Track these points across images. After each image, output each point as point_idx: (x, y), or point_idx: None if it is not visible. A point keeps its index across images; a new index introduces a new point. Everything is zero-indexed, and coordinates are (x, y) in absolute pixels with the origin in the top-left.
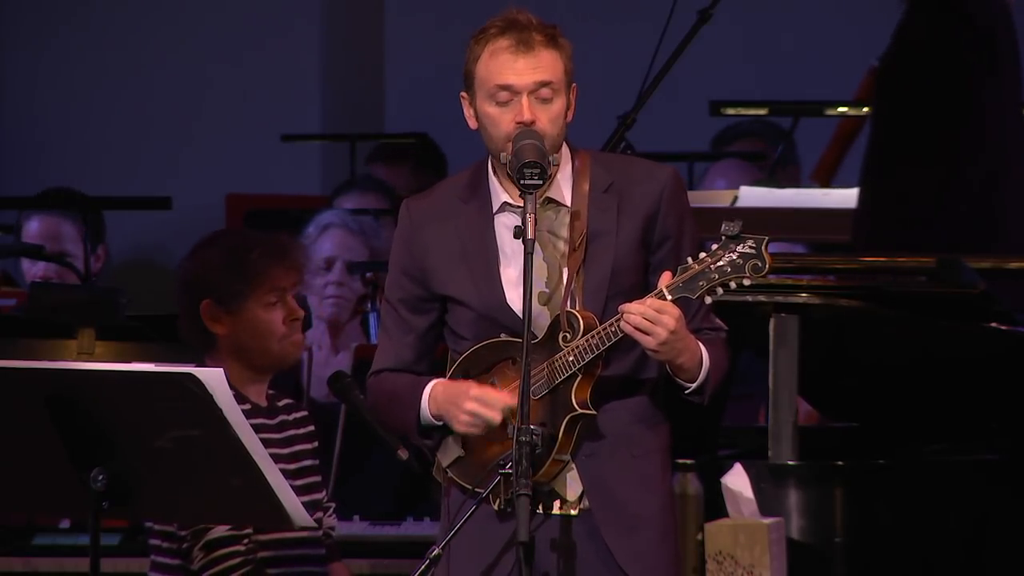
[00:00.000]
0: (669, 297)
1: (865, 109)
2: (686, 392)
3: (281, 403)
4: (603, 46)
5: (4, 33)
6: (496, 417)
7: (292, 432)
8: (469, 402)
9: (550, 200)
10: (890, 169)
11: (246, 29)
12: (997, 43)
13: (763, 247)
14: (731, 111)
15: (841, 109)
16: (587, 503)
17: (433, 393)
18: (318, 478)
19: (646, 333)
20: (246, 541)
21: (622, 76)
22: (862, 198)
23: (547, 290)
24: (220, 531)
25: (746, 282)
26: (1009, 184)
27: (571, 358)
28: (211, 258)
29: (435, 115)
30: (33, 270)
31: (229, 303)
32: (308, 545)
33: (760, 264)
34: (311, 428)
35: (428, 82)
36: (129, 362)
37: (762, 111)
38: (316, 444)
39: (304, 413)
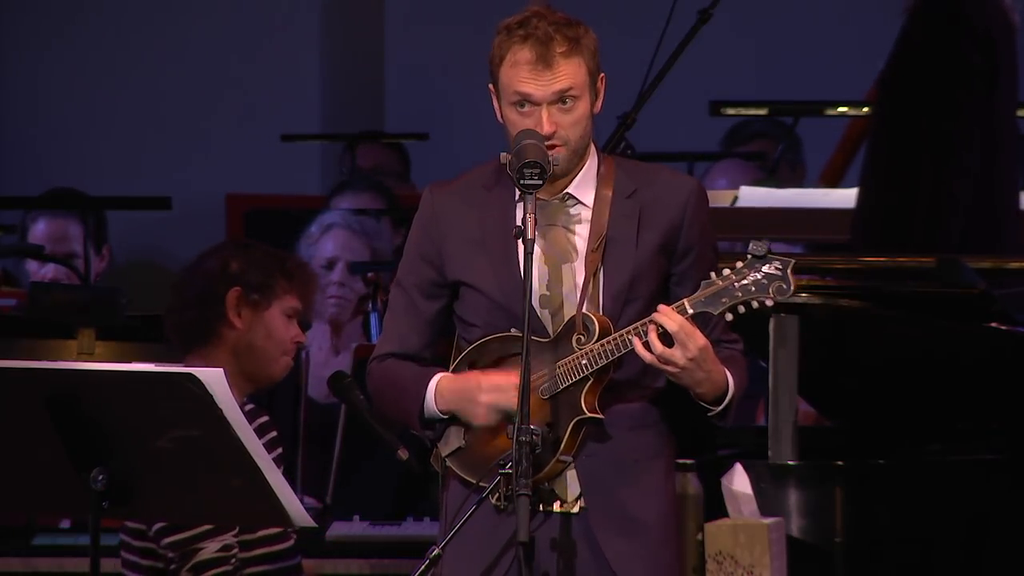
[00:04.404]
0: (691, 311)
1: (865, 109)
2: (709, 415)
3: (246, 409)
4: (603, 46)
5: (6, 34)
6: (514, 401)
7: None
8: (484, 395)
9: (570, 196)
10: (888, 171)
11: (246, 29)
12: (995, 48)
13: (789, 270)
14: (731, 111)
15: (841, 109)
16: (584, 503)
17: (439, 388)
18: None
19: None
20: (234, 561)
21: (622, 76)
22: (860, 200)
23: (561, 289)
24: (209, 552)
25: (769, 303)
26: (1004, 188)
27: (584, 361)
28: (248, 253)
29: (435, 115)
30: (41, 272)
31: (260, 295)
32: (287, 557)
33: (785, 287)
34: (274, 434)
35: (428, 82)
36: (129, 362)
37: (762, 111)
38: (280, 451)
39: (265, 419)
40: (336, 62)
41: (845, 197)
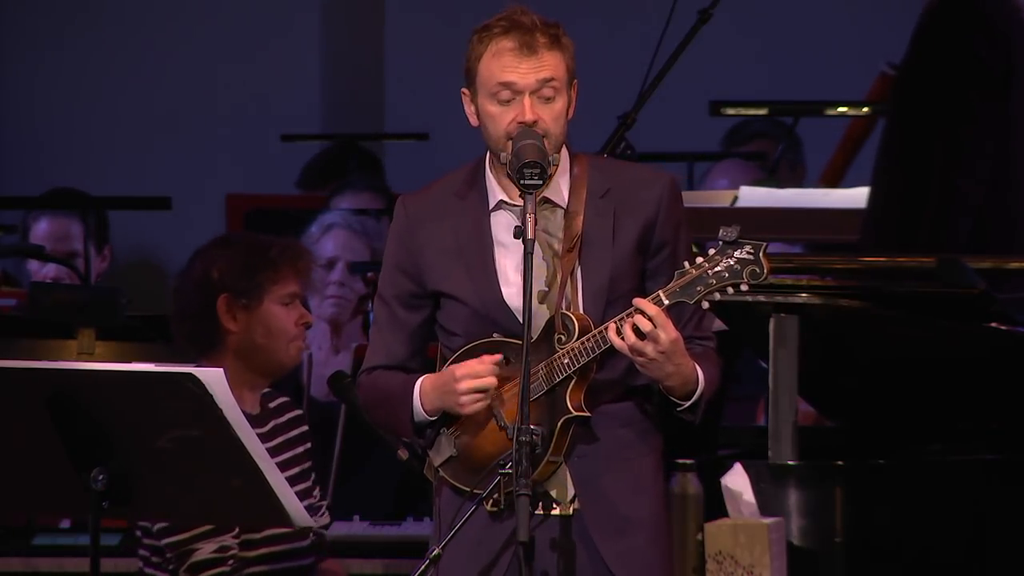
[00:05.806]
0: (667, 302)
1: (865, 109)
2: (678, 409)
3: (273, 404)
4: (603, 46)
5: (6, 34)
6: (492, 380)
7: (283, 437)
8: (460, 383)
9: (547, 200)
10: (898, 170)
11: (246, 29)
12: (1012, 49)
13: (761, 253)
14: (731, 111)
15: (841, 109)
16: (577, 504)
17: (423, 390)
18: (309, 483)
19: (644, 341)
20: (231, 562)
21: (622, 76)
22: (871, 199)
23: (543, 290)
24: (204, 553)
25: (744, 288)
26: (1019, 189)
27: (566, 360)
28: (229, 255)
29: (435, 115)
30: (42, 272)
31: (248, 298)
32: (295, 557)
33: (758, 270)
34: (305, 428)
35: (428, 82)
36: (129, 362)
37: (762, 111)
38: (310, 445)
39: (297, 412)
40: (336, 62)
41: (845, 197)
